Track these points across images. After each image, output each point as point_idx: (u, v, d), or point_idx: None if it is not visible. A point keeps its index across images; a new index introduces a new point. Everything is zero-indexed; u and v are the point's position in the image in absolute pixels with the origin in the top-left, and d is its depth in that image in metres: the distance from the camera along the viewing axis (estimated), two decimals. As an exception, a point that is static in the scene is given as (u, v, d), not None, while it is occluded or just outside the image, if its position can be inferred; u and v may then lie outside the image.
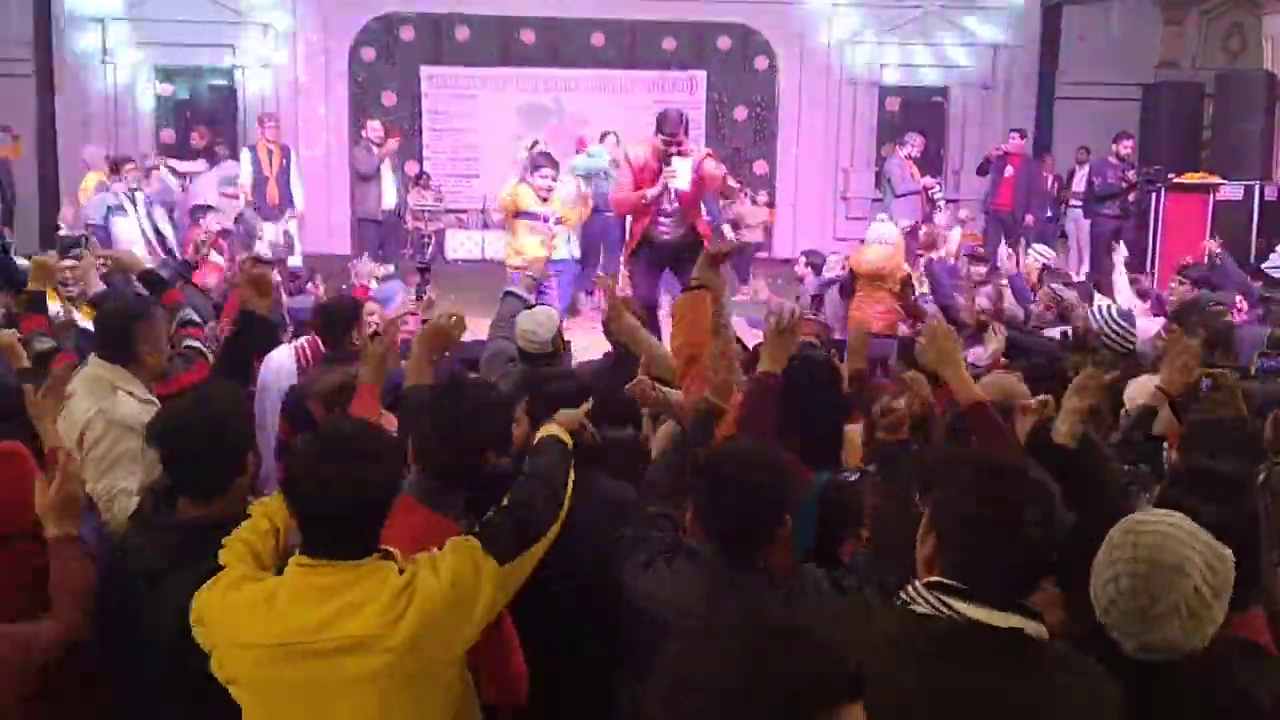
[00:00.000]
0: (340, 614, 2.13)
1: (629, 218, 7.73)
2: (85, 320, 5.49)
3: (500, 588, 2.29)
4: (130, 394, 3.49)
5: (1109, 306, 5.16)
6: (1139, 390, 4.03)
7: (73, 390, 3.39)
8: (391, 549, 2.25)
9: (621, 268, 8.63)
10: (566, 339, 4.98)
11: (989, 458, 2.06)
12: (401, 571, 2.20)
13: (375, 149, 11.55)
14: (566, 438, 2.74)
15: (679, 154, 6.77)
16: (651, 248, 7.04)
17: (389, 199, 11.77)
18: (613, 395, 3.44)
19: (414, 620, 2.14)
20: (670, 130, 6.77)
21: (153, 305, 3.90)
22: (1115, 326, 5.00)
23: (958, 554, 1.88)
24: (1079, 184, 12.59)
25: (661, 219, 7.01)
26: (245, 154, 11.40)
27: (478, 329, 6.99)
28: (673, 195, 6.84)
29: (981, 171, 12.84)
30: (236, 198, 11.21)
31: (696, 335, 3.50)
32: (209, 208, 9.81)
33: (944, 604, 1.84)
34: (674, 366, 3.79)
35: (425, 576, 2.20)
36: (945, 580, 1.86)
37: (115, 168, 10.55)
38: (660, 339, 4.95)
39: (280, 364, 4.86)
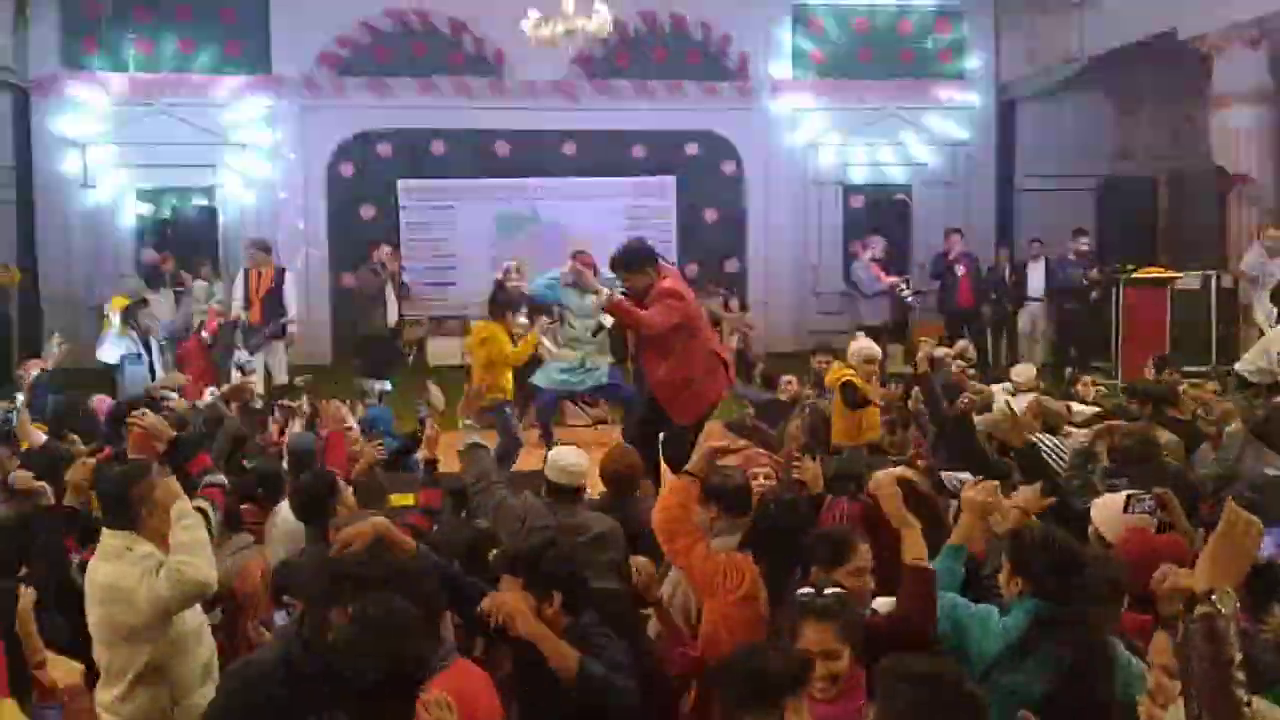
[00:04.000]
0: None
1: None
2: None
3: None
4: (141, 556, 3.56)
5: (1058, 444, 5.31)
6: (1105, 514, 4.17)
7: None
8: None
9: None
10: None
11: (928, 671, 2.15)
12: None
13: (381, 271, 11.68)
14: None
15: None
16: None
17: (392, 316, 11.90)
18: None
19: None
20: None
21: (149, 467, 3.87)
22: (1063, 463, 5.11)
23: None
24: (1034, 278, 12.96)
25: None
26: (239, 276, 11.52)
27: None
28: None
29: (935, 275, 13.19)
30: (223, 316, 11.38)
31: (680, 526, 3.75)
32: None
33: None
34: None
35: None
36: None
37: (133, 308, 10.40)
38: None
39: (289, 522, 4.67)
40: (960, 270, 12.65)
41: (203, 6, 14.61)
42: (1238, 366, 9.06)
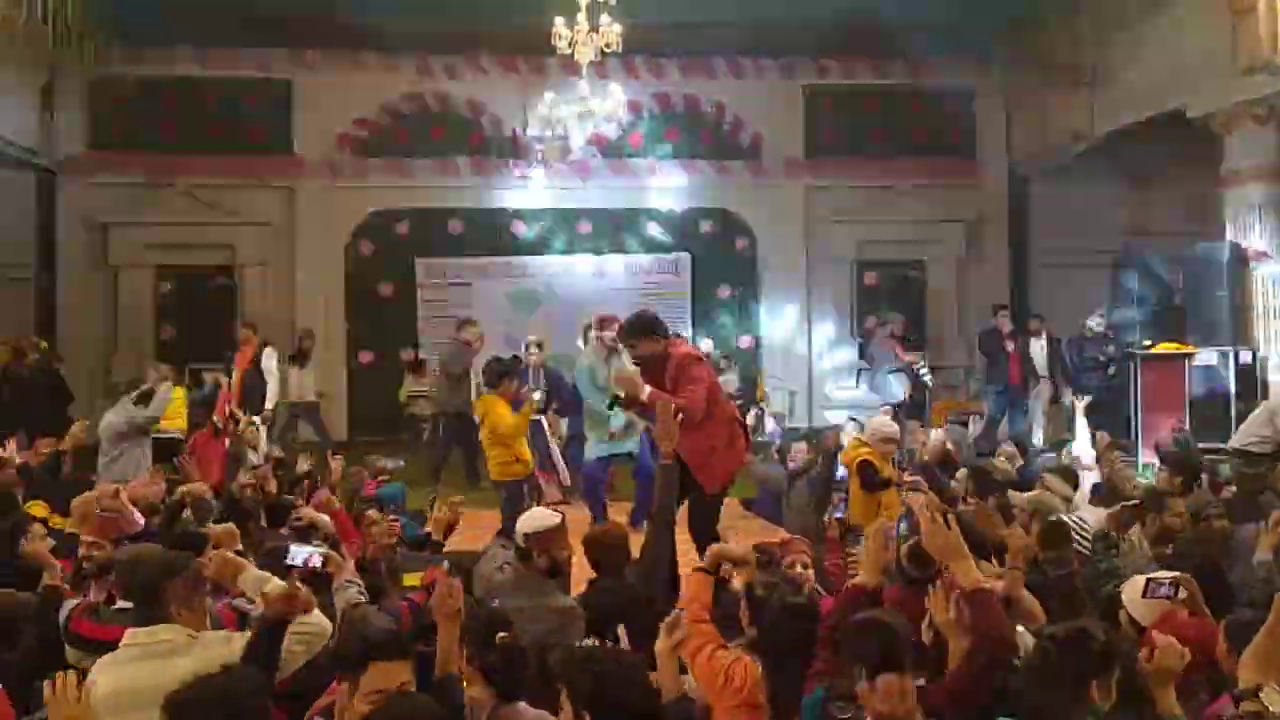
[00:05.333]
0: None
1: None
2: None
3: None
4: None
5: (1080, 521, 5.29)
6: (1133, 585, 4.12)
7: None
8: None
9: None
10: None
11: None
12: None
13: (466, 349, 11.64)
14: None
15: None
16: None
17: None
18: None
19: None
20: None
21: (188, 560, 3.62)
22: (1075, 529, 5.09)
23: None
24: (1037, 354, 12.86)
25: None
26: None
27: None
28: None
29: (986, 352, 13.11)
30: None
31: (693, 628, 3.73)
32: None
33: None
34: None
35: None
36: None
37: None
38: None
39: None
40: (1010, 347, 12.56)
41: (226, 89, 14.89)
42: (1235, 442, 8.84)
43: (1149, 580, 3.91)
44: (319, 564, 3.92)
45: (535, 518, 4.77)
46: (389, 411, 14.40)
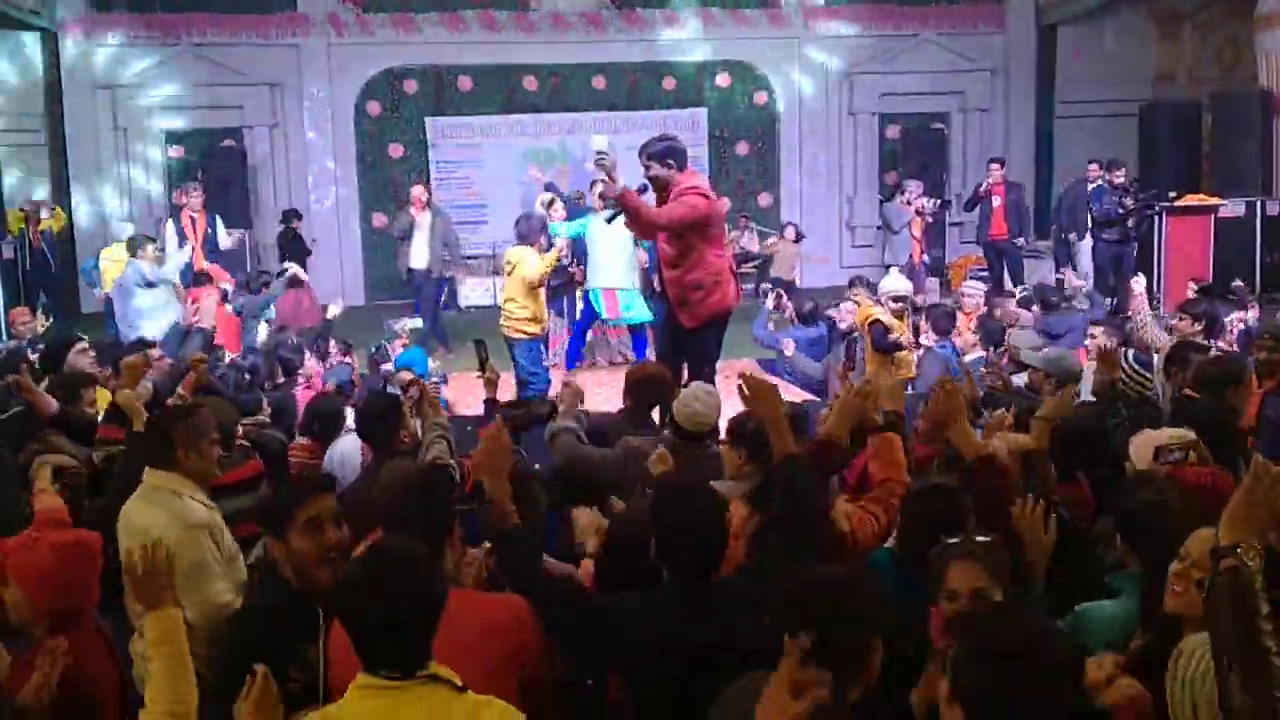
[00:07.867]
0: None
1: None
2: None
3: None
4: (194, 499, 3.44)
5: (1127, 353, 5.17)
6: (1142, 447, 4.08)
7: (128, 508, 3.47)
8: (443, 672, 2.37)
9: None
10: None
11: (1007, 629, 2.07)
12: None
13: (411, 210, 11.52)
14: None
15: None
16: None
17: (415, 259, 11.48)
18: None
19: None
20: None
21: (195, 409, 3.74)
22: (1132, 373, 4.98)
23: None
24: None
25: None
26: (169, 224, 11.00)
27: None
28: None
29: (969, 207, 12.87)
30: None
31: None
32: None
33: None
34: None
35: (486, 712, 2.32)
36: None
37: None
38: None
39: (345, 456, 4.73)
40: (997, 201, 12.26)
41: (227, -55, 14.47)
42: None
43: (1159, 449, 3.86)
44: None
45: (705, 395, 4.46)
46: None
